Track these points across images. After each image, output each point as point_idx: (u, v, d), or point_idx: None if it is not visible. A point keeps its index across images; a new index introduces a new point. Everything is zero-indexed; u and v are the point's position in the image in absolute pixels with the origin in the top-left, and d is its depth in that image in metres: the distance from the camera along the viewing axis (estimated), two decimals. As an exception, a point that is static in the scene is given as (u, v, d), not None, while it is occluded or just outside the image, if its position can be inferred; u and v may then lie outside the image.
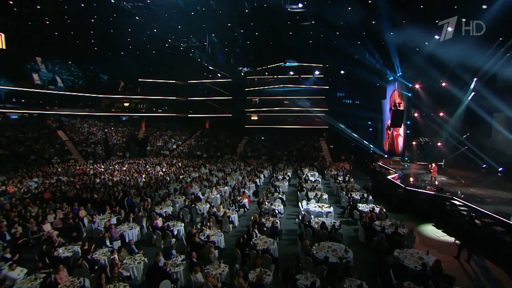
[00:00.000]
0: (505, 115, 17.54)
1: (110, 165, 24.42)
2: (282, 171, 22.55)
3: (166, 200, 12.86)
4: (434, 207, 11.98)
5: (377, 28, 23.06)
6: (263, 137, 38.51)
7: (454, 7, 17.47)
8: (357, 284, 6.16)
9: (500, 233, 9.02)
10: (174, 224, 9.97)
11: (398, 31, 21.72)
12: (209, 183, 17.30)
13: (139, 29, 28.73)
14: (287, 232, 10.77)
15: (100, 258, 7.40)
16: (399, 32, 21.71)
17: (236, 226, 11.45)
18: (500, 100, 18.02)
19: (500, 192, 13.24)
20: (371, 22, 23.30)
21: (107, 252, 7.61)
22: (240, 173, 21.19)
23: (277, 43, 33.21)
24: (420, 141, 23.76)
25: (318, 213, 11.80)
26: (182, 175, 19.82)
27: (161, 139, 38.47)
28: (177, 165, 25.21)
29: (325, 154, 33.18)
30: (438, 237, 10.43)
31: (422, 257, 7.59)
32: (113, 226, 8.93)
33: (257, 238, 8.98)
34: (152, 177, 19.11)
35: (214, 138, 39.12)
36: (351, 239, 10.17)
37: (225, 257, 8.03)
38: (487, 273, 7.94)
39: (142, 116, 41.76)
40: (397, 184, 14.49)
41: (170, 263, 7.22)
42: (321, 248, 8.10)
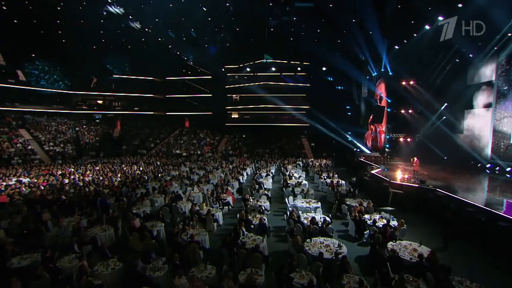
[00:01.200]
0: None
1: (82, 165, 22.65)
2: (265, 168, 22.10)
3: (144, 199, 11.90)
4: (419, 199, 12.06)
5: (358, 25, 23.34)
6: (244, 135, 37.94)
7: (428, 8, 18.16)
8: (356, 280, 5.78)
9: (483, 221, 9.15)
10: (153, 225, 9.12)
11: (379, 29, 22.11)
12: (190, 181, 16.44)
13: (112, 21, 27.04)
14: (274, 229, 10.29)
15: (65, 266, 6.41)
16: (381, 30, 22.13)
17: (221, 225, 10.78)
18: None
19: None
20: (352, 19, 23.55)
21: (74, 259, 6.61)
22: (222, 171, 20.46)
23: (258, 40, 32.81)
24: (399, 137, 24.38)
25: (306, 208, 11.43)
26: (161, 174, 18.74)
27: (138, 138, 36.67)
28: (156, 163, 23.96)
29: (307, 152, 33.28)
30: (424, 228, 10.43)
31: (416, 248, 7.42)
32: (82, 229, 7.90)
33: (244, 236, 8.40)
34: (128, 176, 17.87)
35: (194, 137, 37.96)
36: (341, 233, 9.88)
37: (211, 258, 7.36)
38: (472, 260, 7.97)
39: (117, 114, 39.56)
40: (381, 178, 14.53)
41: (150, 267, 6.44)
42: (314, 244, 7.67)
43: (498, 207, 9.83)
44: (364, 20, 22.23)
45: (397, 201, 12.72)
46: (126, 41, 32.97)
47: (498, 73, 17.50)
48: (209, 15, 28.58)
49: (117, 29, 28.88)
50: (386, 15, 20.95)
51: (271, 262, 7.51)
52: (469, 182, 15.19)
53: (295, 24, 28.38)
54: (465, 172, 17.41)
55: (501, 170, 16.66)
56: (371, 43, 23.94)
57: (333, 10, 23.59)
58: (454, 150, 19.97)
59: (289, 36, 30.61)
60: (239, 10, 27.18)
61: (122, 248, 8.49)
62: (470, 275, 6.07)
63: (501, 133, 17.15)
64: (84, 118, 37.11)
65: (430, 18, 18.08)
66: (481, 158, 18.32)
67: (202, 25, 30.65)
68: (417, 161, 15.11)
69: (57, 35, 29.73)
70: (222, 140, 37.34)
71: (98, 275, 6.08)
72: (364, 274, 6.76)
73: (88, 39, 30.44)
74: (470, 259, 8.06)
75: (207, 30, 31.16)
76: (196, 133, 38.84)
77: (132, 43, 33.86)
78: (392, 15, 20.69)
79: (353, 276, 5.98)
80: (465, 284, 5.79)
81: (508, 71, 16.80)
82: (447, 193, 11.38)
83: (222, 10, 27.34)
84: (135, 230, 8.37)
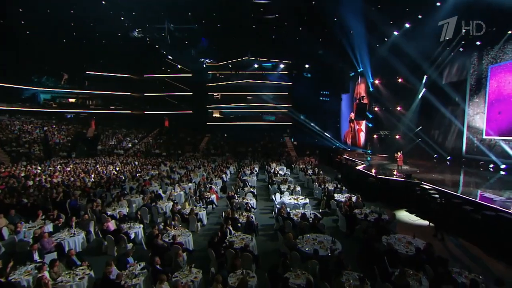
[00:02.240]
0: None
1: (50, 166, 20.85)
2: (249, 166, 21.57)
3: (120, 199, 10.92)
4: (405, 193, 12.06)
5: (340, 24, 23.43)
6: (226, 134, 37.17)
7: (406, 9, 18.57)
8: (356, 277, 5.38)
9: (470, 212, 9.20)
10: (130, 226, 8.27)
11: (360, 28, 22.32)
12: (170, 180, 15.52)
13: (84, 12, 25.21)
14: (262, 227, 9.77)
15: (21, 278, 5.44)
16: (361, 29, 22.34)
17: (205, 224, 10.09)
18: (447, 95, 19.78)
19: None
20: (333, 18, 23.61)
21: (33, 270, 5.66)
22: (205, 169, 19.67)
23: (240, 37, 32.20)
24: (380, 134, 24.79)
25: (294, 205, 11.03)
26: (139, 173, 17.61)
27: (115, 138, 34.75)
28: (133, 163, 22.64)
29: (290, 150, 33.12)
30: (413, 221, 10.40)
31: (410, 241, 7.20)
32: (46, 235, 6.87)
33: (232, 236, 7.80)
34: (103, 176, 16.59)
35: (174, 136, 36.65)
36: (331, 229, 9.54)
37: (196, 261, 6.70)
38: (464, 251, 7.92)
39: (92, 113, 37.24)
40: (367, 174, 14.47)
41: (126, 273, 5.67)
42: (306, 241, 7.24)
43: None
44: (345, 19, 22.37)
45: (384, 195, 12.67)
46: (100, 35, 30.99)
47: (470, 72, 18.18)
48: (189, 10, 27.58)
49: (90, 22, 27.03)
50: (367, 13, 21.19)
51: (261, 262, 6.97)
52: (448, 175, 15.57)
53: (277, 22, 28.09)
54: (442, 166, 17.93)
55: (475, 164, 17.29)
56: (352, 41, 24.21)
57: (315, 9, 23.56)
58: (430, 146, 20.62)
59: (271, 34, 30.29)
60: (220, 6, 26.45)
61: (94, 253, 7.59)
62: (464, 265, 5.92)
63: (474, 128, 17.81)
64: (54, 117, 34.52)
65: (410, 16, 18.48)
66: (456, 153, 19.03)
67: (182, 20, 29.56)
68: (401, 155, 15.26)
69: (20, 26, 27.21)
70: (203, 139, 36.34)
71: (62, 286, 5.22)
72: (360, 270, 6.40)
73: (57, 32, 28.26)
74: (462, 249, 8.01)
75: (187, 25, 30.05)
76: (176, 133, 37.52)
77: (107, 38, 31.94)
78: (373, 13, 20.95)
79: (351, 273, 5.59)
80: (464, 275, 5.60)
81: (479, 70, 17.49)
82: (433, 186, 11.44)
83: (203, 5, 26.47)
84: (110, 233, 7.49)
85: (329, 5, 22.16)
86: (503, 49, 15.69)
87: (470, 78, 18.22)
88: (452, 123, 19.68)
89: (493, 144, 16.37)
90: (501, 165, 15.67)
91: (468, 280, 5.39)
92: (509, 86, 15.41)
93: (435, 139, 21.00)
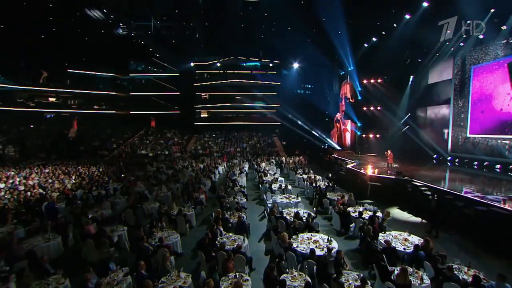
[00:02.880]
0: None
1: (26, 167, 19.63)
2: (238, 166, 21.17)
3: (103, 201, 10.26)
4: (397, 190, 12.02)
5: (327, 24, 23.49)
6: (214, 134, 36.59)
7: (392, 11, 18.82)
8: (355, 277, 5.11)
9: (462, 207, 9.20)
10: (113, 229, 7.69)
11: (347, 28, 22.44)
12: (157, 180, 14.88)
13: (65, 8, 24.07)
14: (253, 227, 9.40)
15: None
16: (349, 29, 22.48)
17: (194, 225, 9.62)
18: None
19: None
20: (321, 18, 23.64)
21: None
22: (193, 170, 19.10)
23: (229, 36, 31.78)
24: (368, 134, 24.98)
25: (286, 204, 10.74)
26: (124, 174, 16.85)
27: (98, 139, 33.42)
28: (118, 164, 21.73)
29: (279, 150, 32.94)
30: (406, 218, 10.33)
31: (406, 238, 7.04)
32: (15, 240, 6.21)
33: (223, 236, 7.40)
34: (85, 177, 15.72)
35: (161, 137, 35.68)
36: (325, 228, 9.28)
37: (185, 264, 6.25)
38: (459, 247, 7.86)
39: (74, 113, 35.67)
40: (358, 172, 14.40)
41: (107, 281, 5.16)
42: (301, 240, 6.93)
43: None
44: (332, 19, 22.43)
45: (375, 193, 12.59)
46: (83, 32, 29.75)
47: (455, 72, 18.58)
48: (176, 7, 26.93)
49: (71, 17, 25.87)
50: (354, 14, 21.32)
51: (255, 264, 6.61)
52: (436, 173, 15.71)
53: (266, 22, 27.92)
54: (429, 164, 18.21)
55: (460, 162, 17.61)
56: (340, 41, 24.32)
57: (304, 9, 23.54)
58: (417, 144, 20.97)
59: (259, 34, 30.06)
60: (209, 4, 26.00)
61: (72, 260, 6.97)
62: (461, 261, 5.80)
63: (459, 127, 18.19)
64: (32, 117, 32.78)
65: (397, 16, 18.69)
66: (442, 151, 19.39)
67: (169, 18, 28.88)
68: (391, 153, 15.28)
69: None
70: (191, 139, 35.60)
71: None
72: (357, 269, 6.16)
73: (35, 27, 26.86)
74: (457, 245, 7.94)
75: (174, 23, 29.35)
76: (163, 133, 36.57)
77: (90, 35, 30.71)
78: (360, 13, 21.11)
79: (351, 273, 5.31)
80: (463, 270, 5.45)
81: (463, 70, 17.90)
82: (424, 183, 11.45)
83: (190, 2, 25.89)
84: (90, 237, 6.90)
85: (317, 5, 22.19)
86: (485, 50, 16.11)
87: (454, 79, 18.62)
88: (438, 122, 20.05)
89: (477, 142, 16.74)
90: (484, 163, 16.03)
91: (468, 276, 5.27)
92: (490, 86, 15.82)
93: (421, 138, 21.33)
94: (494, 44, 15.30)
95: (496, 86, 15.35)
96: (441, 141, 19.68)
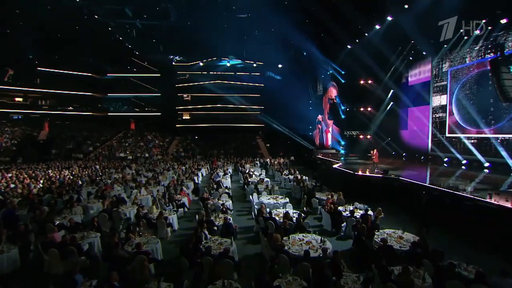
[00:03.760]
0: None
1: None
2: (222, 168, 20.54)
3: (74, 205, 9.29)
4: (385, 189, 11.92)
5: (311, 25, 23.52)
6: (196, 136, 35.66)
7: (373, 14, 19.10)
8: (354, 279, 4.71)
9: (450, 203, 9.17)
10: (84, 236, 6.85)
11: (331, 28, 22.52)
12: (136, 183, 13.94)
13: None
14: (240, 230, 8.84)
15: None
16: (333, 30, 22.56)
17: (176, 230, 8.91)
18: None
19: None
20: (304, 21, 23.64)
21: None
22: (174, 172, 18.24)
23: (212, 36, 31.16)
24: (352, 135, 25.17)
25: (274, 205, 10.29)
26: (100, 177, 15.70)
27: (73, 141, 31.50)
28: (94, 167, 20.37)
29: (263, 152, 32.61)
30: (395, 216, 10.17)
31: (401, 236, 6.79)
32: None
33: (208, 240, 6.80)
34: (55, 181, 14.44)
35: (141, 139, 34.27)
36: (315, 228, 8.88)
37: (166, 272, 5.59)
38: (450, 243, 7.73)
39: (45, 114, 33.46)
40: (345, 172, 14.24)
41: (73, 295, 4.44)
42: (293, 242, 6.48)
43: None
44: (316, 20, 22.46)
45: (362, 192, 12.42)
46: (54, 27, 27.97)
47: (433, 74, 19.13)
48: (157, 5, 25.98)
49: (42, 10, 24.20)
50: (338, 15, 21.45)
51: (244, 270, 6.05)
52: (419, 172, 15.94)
53: (249, 22, 27.62)
54: (412, 163, 18.51)
55: (440, 161, 18.03)
56: (324, 42, 24.42)
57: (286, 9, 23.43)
58: (401, 144, 21.32)
59: (243, 34, 29.68)
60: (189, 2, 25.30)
61: (30, 274, 6.07)
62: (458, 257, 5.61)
63: (438, 127, 18.68)
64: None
65: (380, 18, 18.97)
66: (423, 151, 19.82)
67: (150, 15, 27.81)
68: (376, 153, 15.29)
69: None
70: (172, 142, 34.49)
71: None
72: (353, 270, 5.78)
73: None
74: (449, 241, 7.82)
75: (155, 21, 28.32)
76: (144, 135, 35.17)
77: (62, 30, 28.95)
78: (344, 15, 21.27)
79: (349, 275, 4.91)
80: (463, 267, 5.23)
81: (440, 71, 18.46)
82: (411, 180, 11.42)
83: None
84: (55, 246, 6.04)
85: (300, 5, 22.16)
86: (460, 52, 16.72)
87: (433, 80, 19.15)
88: (418, 122, 20.49)
89: (455, 142, 17.22)
90: (462, 161, 16.48)
91: (468, 272, 5.06)
92: (466, 87, 16.41)
93: (402, 137, 21.74)
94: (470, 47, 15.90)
95: (471, 87, 15.96)
96: (421, 140, 20.11)
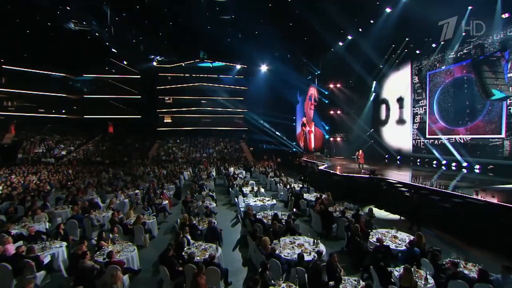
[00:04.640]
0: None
1: None
2: (205, 171, 19.81)
3: (36, 213, 8.29)
4: (372, 189, 11.80)
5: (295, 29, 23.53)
6: (178, 140, 34.55)
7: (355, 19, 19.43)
8: (353, 283, 4.30)
9: (438, 201, 9.12)
10: (45, 246, 5.97)
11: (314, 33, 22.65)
12: (112, 187, 12.94)
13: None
14: (226, 234, 8.24)
15: None
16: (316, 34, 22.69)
17: (155, 236, 8.17)
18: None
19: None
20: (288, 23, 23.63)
21: None
22: (155, 175, 17.29)
23: (194, 37, 30.49)
24: (335, 137, 25.31)
25: (261, 206, 9.79)
26: (71, 182, 14.49)
27: (43, 145, 29.41)
28: (66, 172, 18.93)
29: (247, 155, 32.08)
30: (384, 216, 10.02)
31: (395, 235, 6.51)
32: None
33: (191, 246, 6.18)
34: (17, 187, 13.11)
35: (120, 143, 32.67)
36: (305, 230, 8.50)
37: (143, 284, 4.92)
38: (441, 241, 7.61)
39: (11, 116, 31.06)
40: (332, 173, 14.05)
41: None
42: (284, 245, 6.00)
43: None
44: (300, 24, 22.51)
45: (350, 192, 12.25)
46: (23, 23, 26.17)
47: (413, 77, 19.65)
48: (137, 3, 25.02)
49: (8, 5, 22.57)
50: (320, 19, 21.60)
51: (230, 277, 5.50)
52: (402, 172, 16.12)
53: (233, 24, 27.30)
54: (394, 166, 18.72)
55: (421, 162, 18.37)
56: (307, 46, 24.54)
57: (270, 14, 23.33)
58: (382, 146, 21.68)
59: (226, 37, 29.25)
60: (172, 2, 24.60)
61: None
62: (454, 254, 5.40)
63: (419, 129, 19.11)
64: None
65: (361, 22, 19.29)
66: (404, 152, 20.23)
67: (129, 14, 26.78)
68: (362, 154, 15.22)
69: None
70: (153, 145, 33.17)
71: None
72: (349, 272, 5.39)
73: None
74: (440, 239, 7.68)
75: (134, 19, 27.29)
76: (122, 139, 33.57)
77: (33, 27, 27.16)
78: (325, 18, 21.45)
79: (348, 279, 4.49)
80: (461, 265, 4.99)
81: (420, 73, 18.98)
82: (398, 180, 11.37)
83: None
84: (6, 260, 5.16)
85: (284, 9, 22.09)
86: (437, 57, 17.28)
87: (413, 83, 19.63)
88: (400, 124, 20.90)
89: (436, 143, 17.62)
90: (442, 161, 16.85)
91: (467, 270, 4.82)
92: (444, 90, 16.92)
93: (385, 140, 22.09)
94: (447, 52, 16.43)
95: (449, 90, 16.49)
96: (403, 142, 20.47)
